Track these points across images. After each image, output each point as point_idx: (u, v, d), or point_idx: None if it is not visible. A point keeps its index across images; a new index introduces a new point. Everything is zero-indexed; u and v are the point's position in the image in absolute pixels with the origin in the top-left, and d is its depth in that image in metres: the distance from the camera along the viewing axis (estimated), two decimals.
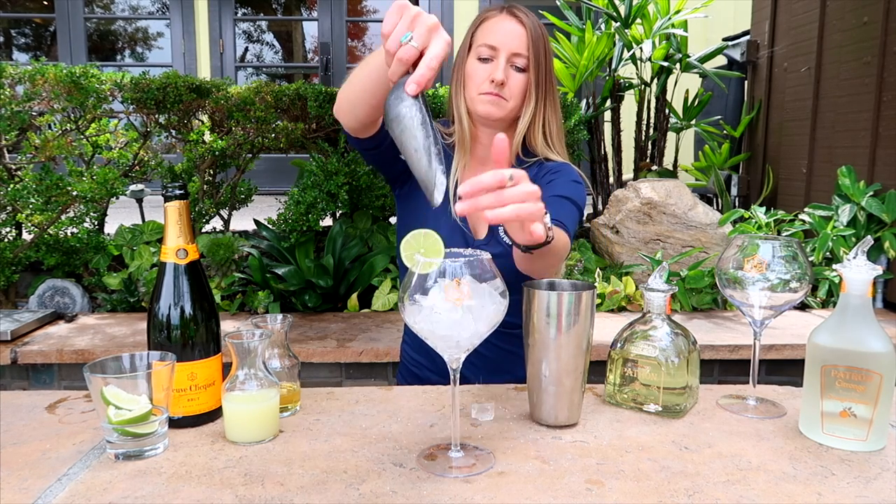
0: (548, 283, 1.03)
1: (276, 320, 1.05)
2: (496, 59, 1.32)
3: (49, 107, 2.82)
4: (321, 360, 2.43)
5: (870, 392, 0.90)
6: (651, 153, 3.74)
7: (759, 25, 4.10)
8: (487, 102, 1.33)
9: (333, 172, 2.95)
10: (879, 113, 3.01)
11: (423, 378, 1.49)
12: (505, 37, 1.31)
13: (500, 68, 1.31)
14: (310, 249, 3.04)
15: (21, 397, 1.12)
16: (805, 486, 0.82)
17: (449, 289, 0.80)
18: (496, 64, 1.32)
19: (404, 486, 0.82)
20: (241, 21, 6.44)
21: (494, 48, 1.32)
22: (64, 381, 2.48)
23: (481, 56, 1.33)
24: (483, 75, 1.32)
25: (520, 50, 1.32)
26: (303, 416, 1.03)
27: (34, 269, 3.02)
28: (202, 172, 3.17)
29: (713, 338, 2.51)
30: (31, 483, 0.83)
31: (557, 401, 0.98)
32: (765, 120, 3.99)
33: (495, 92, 1.32)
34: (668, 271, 1.14)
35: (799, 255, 1.03)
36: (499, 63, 1.31)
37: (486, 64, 1.33)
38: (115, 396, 0.87)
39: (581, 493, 0.80)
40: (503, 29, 1.32)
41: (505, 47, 1.31)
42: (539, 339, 0.97)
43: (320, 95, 3.10)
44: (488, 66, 1.33)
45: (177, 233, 1.00)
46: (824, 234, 2.92)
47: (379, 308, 2.94)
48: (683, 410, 1.04)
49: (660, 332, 1.05)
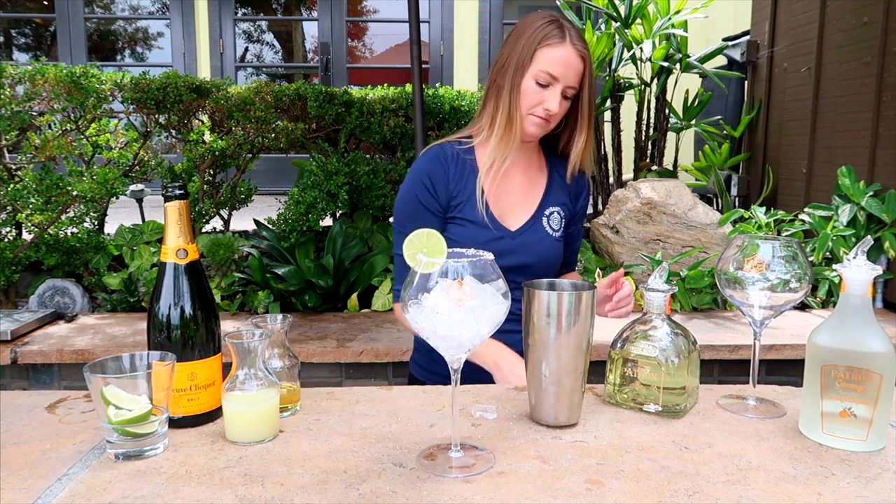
0: (548, 283, 1.03)
1: (276, 320, 1.05)
2: (553, 88, 1.39)
3: (49, 107, 2.82)
4: (321, 360, 2.43)
5: (870, 392, 0.90)
6: (651, 153, 3.74)
7: (759, 25, 4.10)
8: (535, 125, 1.43)
9: (333, 172, 2.95)
10: (879, 113, 3.01)
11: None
12: (566, 70, 1.39)
13: (557, 101, 1.39)
14: (310, 249, 3.04)
15: (21, 397, 1.12)
16: (805, 486, 0.82)
17: (451, 289, 0.80)
18: (553, 94, 1.39)
19: (404, 486, 0.82)
20: (241, 21, 6.44)
21: (555, 79, 1.38)
22: (64, 381, 2.48)
23: (539, 81, 1.39)
24: (537, 99, 1.40)
25: (574, 84, 1.41)
26: (303, 416, 1.03)
27: (34, 269, 3.02)
28: (202, 172, 3.17)
29: (713, 338, 2.51)
30: (31, 483, 0.83)
31: (557, 401, 0.98)
32: (765, 120, 3.99)
33: (544, 117, 1.41)
34: (668, 271, 1.14)
35: (799, 255, 1.03)
36: (555, 93, 1.39)
37: (542, 90, 1.39)
38: (115, 396, 0.87)
39: (581, 493, 0.80)
40: (566, 62, 1.38)
41: (564, 80, 1.39)
42: (539, 339, 0.97)
43: (320, 95, 3.10)
44: (544, 93, 1.40)
45: (177, 233, 1.00)
46: (824, 234, 2.92)
47: (379, 308, 2.94)
48: (683, 410, 1.04)
49: (660, 332, 1.05)
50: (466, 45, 6.14)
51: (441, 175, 1.47)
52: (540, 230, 1.52)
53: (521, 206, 1.53)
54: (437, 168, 1.47)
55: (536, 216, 1.53)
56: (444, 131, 3.29)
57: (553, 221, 1.54)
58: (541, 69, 1.38)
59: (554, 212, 1.54)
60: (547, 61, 1.38)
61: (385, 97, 3.25)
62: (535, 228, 1.52)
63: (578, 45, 1.39)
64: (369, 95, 3.28)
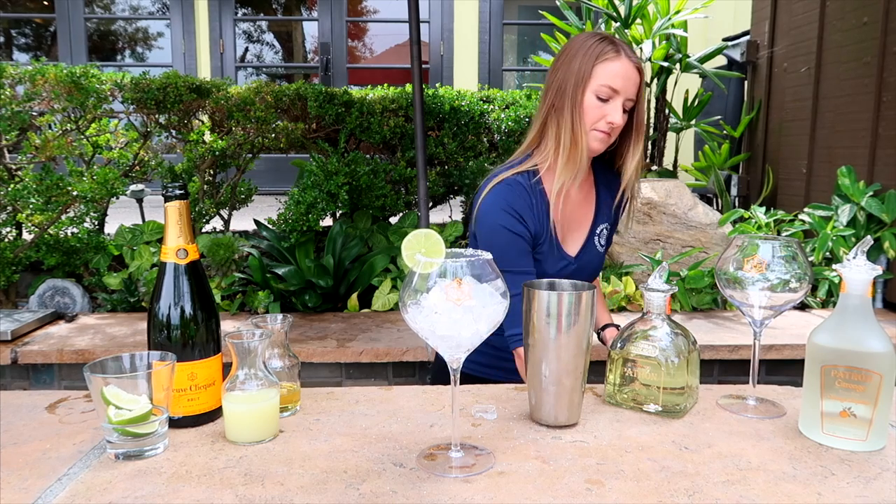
0: (548, 283, 1.03)
1: (276, 320, 1.05)
2: (614, 101, 1.39)
3: (49, 107, 2.82)
4: (321, 360, 2.43)
5: (870, 392, 0.90)
6: (651, 153, 3.74)
7: (759, 25, 4.10)
8: (599, 140, 1.42)
9: (333, 172, 2.95)
10: (879, 113, 3.01)
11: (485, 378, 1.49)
12: (626, 82, 1.39)
13: (619, 113, 1.40)
14: (310, 249, 3.04)
15: (21, 397, 1.12)
16: (805, 486, 0.83)
17: (449, 289, 0.80)
18: (614, 107, 1.39)
19: (404, 486, 0.82)
20: (241, 21, 6.44)
21: (616, 91, 1.39)
22: (64, 381, 2.48)
23: (601, 95, 1.39)
24: (599, 114, 1.40)
25: (633, 96, 1.41)
26: (303, 416, 1.03)
27: (34, 269, 3.02)
28: (202, 172, 3.17)
29: (713, 338, 2.51)
30: (31, 483, 0.83)
31: (557, 401, 0.98)
32: (765, 120, 3.99)
33: (607, 131, 1.41)
34: (668, 271, 1.14)
35: (799, 255, 1.03)
36: (617, 106, 1.39)
37: (604, 104, 1.40)
38: (116, 396, 0.87)
39: (581, 493, 0.80)
40: (626, 75, 1.39)
41: (625, 92, 1.40)
42: (539, 340, 0.97)
43: (320, 95, 3.10)
44: (605, 107, 1.40)
45: (177, 233, 1.00)
46: (824, 234, 2.92)
47: (379, 308, 2.94)
48: (683, 410, 1.04)
49: (660, 332, 1.05)
50: (466, 45, 6.14)
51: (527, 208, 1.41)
52: (593, 249, 1.55)
53: (577, 228, 1.54)
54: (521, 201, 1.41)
55: (590, 236, 1.54)
56: (444, 131, 3.29)
57: (602, 238, 1.57)
58: (601, 84, 1.39)
59: (603, 228, 1.57)
60: (606, 75, 1.39)
61: (385, 97, 3.26)
62: (589, 248, 1.54)
63: (633, 59, 1.41)
64: (369, 95, 3.28)
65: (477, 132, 3.31)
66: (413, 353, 2.44)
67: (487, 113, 3.30)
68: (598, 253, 1.57)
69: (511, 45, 6.56)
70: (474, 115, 3.27)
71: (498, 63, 6.19)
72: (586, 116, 1.40)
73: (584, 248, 1.54)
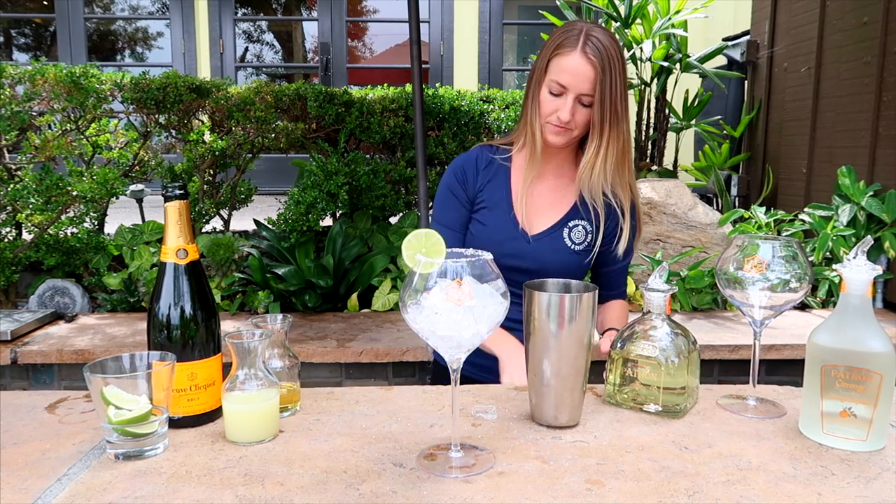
0: (549, 283, 1.03)
1: (276, 320, 1.05)
2: (565, 96, 1.39)
3: (49, 107, 2.82)
4: (321, 360, 2.43)
5: (870, 392, 0.90)
6: (651, 153, 3.74)
7: (759, 25, 4.10)
8: (553, 133, 1.43)
9: (333, 172, 2.95)
10: (879, 113, 3.01)
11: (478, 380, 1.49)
12: (575, 78, 1.37)
13: (567, 108, 1.39)
14: (310, 249, 3.04)
15: (21, 397, 1.12)
16: (805, 486, 0.82)
17: (450, 289, 0.80)
18: (564, 102, 1.39)
19: (404, 486, 0.82)
20: (241, 21, 6.44)
21: (565, 87, 1.38)
22: (64, 381, 2.47)
23: (552, 91, 1.40)
24: (551, 108, 1.41)
25: (587, 91, 1.38)
26: (303, 416, 1.03)
27: (34, 269, 3.02)
28: (202, 172, 3.17)
29: (713, 338, 2.51)
30: (31, 483, 0.83)
31: (558, 401, 0.98)
32: (765, 120, 3.99)
33: (558, 124, 1.41)
34: (668, 271, 1.14)
35: (799, 255, 1.03)
36: (566, 102, 1.39)
37: (556, 98, 1.40)
38: (115, 396, 0.87)
39: (581, 493, 0.80)
40: (575, 70, 1.37)
41: (573, 88, 1.38)
42: (540, 340, 0.97)
43: (320, 95, 3.10)
44: (557, 101, 1.40)
45: (177, 233, 1.00)
46: (824, 234, 2.92)
47: (379, 308, 2.94)
48: (683, 410, 1.04)
49: (660, 332, 1.05)
50: (466, 45, 6.13)
51: (472, 170, 1.56)
52: (559, 240, 1.52)
53: (546, 214, 1.53)
54: (471, 165, 1.56)
55: (558, 226, 1.52)
56: (444, 131, 3.29)
57: (575, 235, 1.52)
58: (552, 79, 1.39)
59: (579, 225, 1.53)
60: (557, 70, 1.39)
61: (385, 97, 3.25)
62: (555, 238, 1.52)
63: (590, 53, 1.37)
64: (369, 95, 3.28)
65: (477, 132, 3.31)
66: (413, 353, 2.44)
67: (487, 113, 3.30)
68: (565, 247, 1.51)
69: (511, 45, 6.56)
70: (474, 115, 3.27)
71: (498, 63, 6.19)
72: (541, 109, 1.43)
73: (546, 235, 1.52)
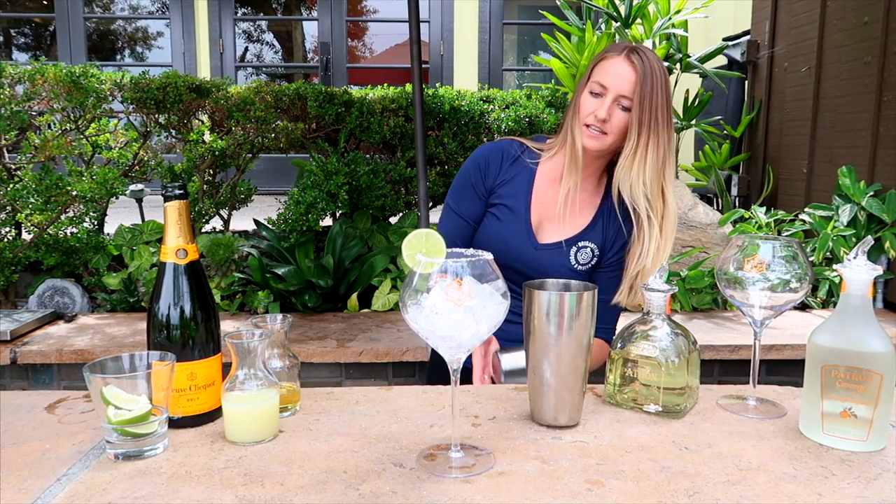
0: (549, 283, 1.03)
1: (276, 320, 1.05)
2: (604, 96, 1.41)
3: (49, 107, 2.82)
4: (321, 360, 2.43)
5: (870, 392, 0.90)
6: None
7: (759, 25, 4.10)
8: (588, 136, 1.44)
9: (333, 172, 2.95)
10: (879, 113, 3.01)
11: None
12: (616, 79, 1.40)
13: (605, 107, 1.40)
14: (310, 249, 3.04)
15: (21, 397, 1.11)
16: (805, 486, 0.82)
17: (450, 289, 0.80)
18: (602, 101, 1.41)
19: (404, 486, 0.82)
20: (241, 21, 6.43)
21: (605, 87, 1.41)
22: (63, 381, 2.47)
23: (593, 91, 1.43)
24: (590, 109, 1.43)
25: (626, 93, 1.40)
26: (303, 416, 1.03)
27: (34, 269, 3.02)
28: (202, 172, 3.17)
29: (713, 338, 2.51)
30: (31, 483, 0.83)
31: (558, 401, 0.98)
32: (765, 120, 3.99)
33: (598, 126, 1.42)
34: (668, 271, 1.13)
35: (799, 256, 1.03)
36: (605, 101, 1.41)
37: (596, 99, 1.43)
38: (115, 396, 0.87)
39: (581, 493, 0.80)
40: (616, 71, 1.40)
41: (614, 89, 1.40)
42: (540, 340, 0.97)
43: (320, 95, 3.10)
44: (596, 102, 1.42)
45: (176, 233, 1.00)
46: (824, 234, 2.92)
47: (379, 308, 2.94)
48: (683, 410, 1.04)
49: (660, 332, 1.05)
50: (466, 45, 6.13)
51: (496, 161, 1.55)
52: (563, 257, 1.51)
53: (559, 228, 1.52)
54: (496, 156, 1.56)
55: (567, 243, 1.51)
56: (444, 131, 3.29)
57: (582, 256, 1.52)
58: (594, 80, 1.43)
59: (588, 247, 1.52)
60: (599, 73, 1.42)
61: (385, 97, 3.25)
62: (560, 253, 1.51)
63: (634, 58, 1.40)
64: (369, 95, 3.28)
65: (477, 132, 3.31)
66: (413, 353, 2.44)
67: (487, 113, 3.30)
68: (568, 266, 1.50)
69: (511, 44, 6.56)
70: (474, 114, 3.27)
71: (498, 63, 6.19)
72: (581, 110, 1.44)
73: (554, 248, 1.51)
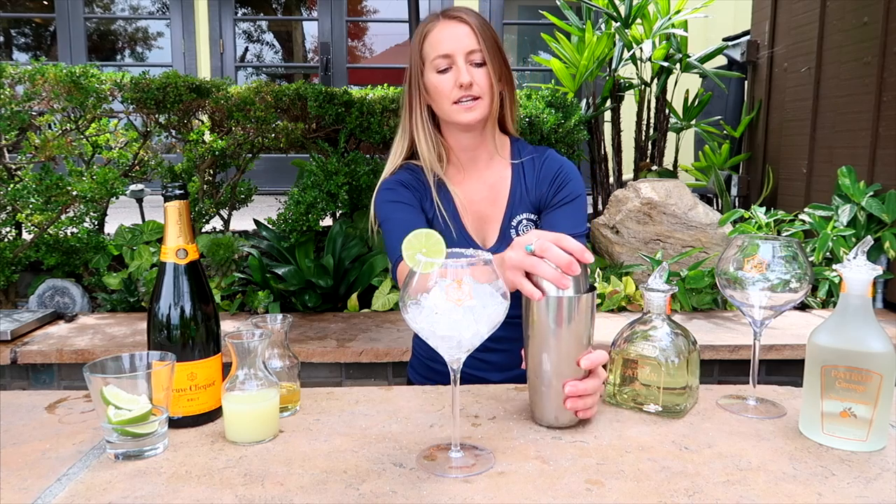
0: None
1: (276, 320, 1.05)
2: (455, 64, 1.32)
3: (49, 107, 2.82)
4: (321, 360, 2.43)
5: (870, 392, 0.90)
6: (651, 153, 3.74)
7: (759, 25, 4.10)
8: (465, 110, 1.32)
9: (333, 172, 2.95)
10: (879, 113, 3.01)
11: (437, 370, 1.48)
12: (455, 41, 1.31)
13: (463, 70, 1.30)
14: (310, 249, 3.04)
15: (21, 397, 1.12)
16: (805, 486, 0.82)
17: (450, 289, 0.80)
18: (457, 69, 1.31)
19: (404, 486, 0.82)
20: (241, 21, 6.44)
21: (449, 54, 1.31)
22: (64, 381, 2.48)
23: (439, 69, 1.32)
24: (449, 84, 1.32)
25: (473, 46, 1.31)
26: (303, 416, 1.03)
27: (34, 269, 3.02)
28: (202, 172, 3.17)
29: (713, 338, 2.51)
30: (31, 483, 0.83)
31: (558, 402, 0.98)
32: (765, 120, 3.99)
33: (467, 95, 1.31)
34: (668, 271, 1.13)
35: (799, 256, 1.03)
36: (459, 67, 1.31)
37: (447, 74, 1.32)
38: (115, 396, 0.87)
39: (581, 493, 0.80)
40: (451, 34, 1.31)
41: (459, 50, 1.31)
42: (539, 340, 0.97)
43: (320, 95, 3.10)
44: (450, 75, 1.32)
45: (177, 233, 1.00)
46: (824, 235, 2.92)
47: (379, 308, 2.94)
48: (683, 410, 1.04)
49: (660, 332, 1.05)
50: None
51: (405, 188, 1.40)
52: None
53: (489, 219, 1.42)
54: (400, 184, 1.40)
55: (505, 230, 1.40)
56: None
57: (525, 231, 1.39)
58: (433, 58, 1.32)
59: (523, 220, 1.41)
60: (434, 46, 1.32)
61: (385, 97, 3.25)
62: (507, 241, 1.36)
63: (455, 15, 1.32)
64: (369, 95, 3.28)
65: None
66: None
67: None
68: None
69: (511, 45, 6.56)
70: None
71: None
72: (439, 97, 1.33)
73: (500, 242, 1.39)
